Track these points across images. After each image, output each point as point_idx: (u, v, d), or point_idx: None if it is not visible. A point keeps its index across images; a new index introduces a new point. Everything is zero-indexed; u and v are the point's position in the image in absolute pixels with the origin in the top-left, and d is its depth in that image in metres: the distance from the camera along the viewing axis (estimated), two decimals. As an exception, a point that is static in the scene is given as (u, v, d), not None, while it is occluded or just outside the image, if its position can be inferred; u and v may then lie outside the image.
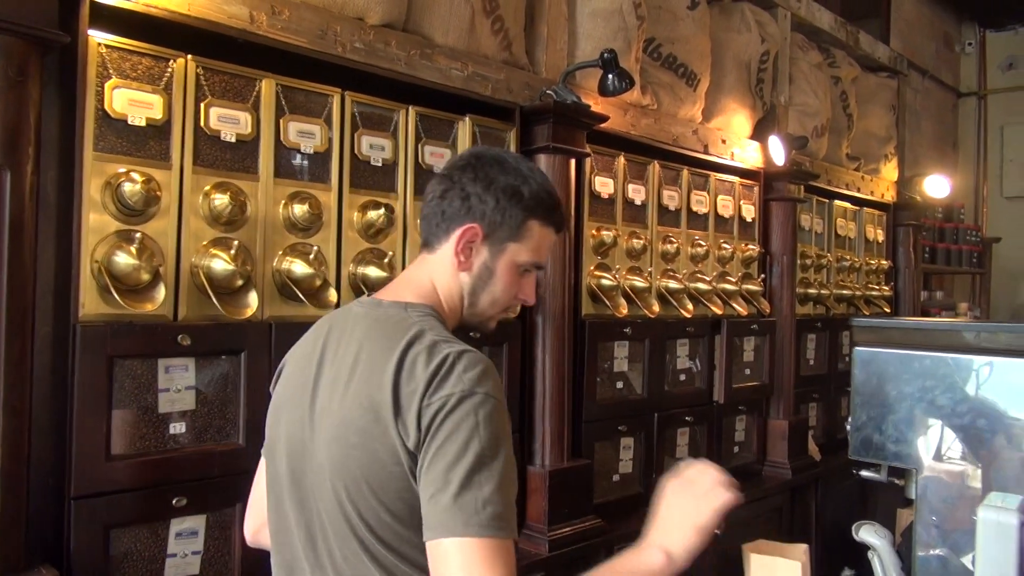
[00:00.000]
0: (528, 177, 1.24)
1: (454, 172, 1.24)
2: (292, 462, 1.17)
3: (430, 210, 1.25)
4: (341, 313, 1.25)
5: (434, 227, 1.24)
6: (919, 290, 4.53)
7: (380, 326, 1.15)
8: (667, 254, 2.80)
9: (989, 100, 5.99)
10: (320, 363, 1.18)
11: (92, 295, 1.51)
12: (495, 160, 1.24)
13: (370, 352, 1.11)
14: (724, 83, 3.12)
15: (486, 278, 1.24)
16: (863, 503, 3.67)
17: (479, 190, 1.21)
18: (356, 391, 1.10)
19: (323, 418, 1.13)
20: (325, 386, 1.15)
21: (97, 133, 1.52)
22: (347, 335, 1.18)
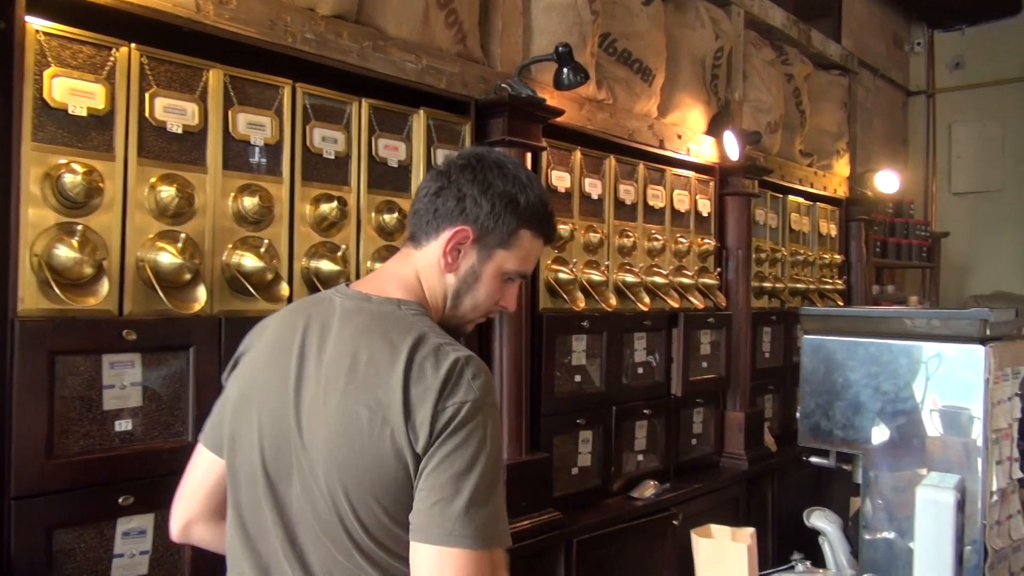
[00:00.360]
0: (527, 186, 1.22)
1: (452, 170, 1.22)
2: (272, 459, 1.13)
3: (422, 205, 1.22)
4: (320, 304, 1.21)
5: (424, 223, 1.22)
6: (871, 284, 4.64)
7: (378, 324, 1.13)
8: (624, 248, 2.83)
9: (938, 98, 6.15)
10: (302, 356, 1.14)
11: (31, 289, 1.47)
12: (496, 164, 1.22)
13: (371, 352, 1.09)
14: (679, 79, 3.15)
15: (471, 282, 1.22)
16: (818, 492, 3.73)
17: (476, 193, 1.19)
18: (359, 392, 1.07)
19: (316, 417, 1.10)
20: (313, 382, 1.12)
21: (36, 123, 1.48)
22: (336, 330, 1.15)
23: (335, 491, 1.07)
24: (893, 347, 1.62)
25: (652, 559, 2.76)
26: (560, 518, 2.38)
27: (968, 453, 1.58)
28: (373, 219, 2.02)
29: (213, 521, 1.27)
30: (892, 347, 1.63)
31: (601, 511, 2.63)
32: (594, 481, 2.71)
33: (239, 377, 1.22)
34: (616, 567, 2.61)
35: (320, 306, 1.20)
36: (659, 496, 2.81)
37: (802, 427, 1.73)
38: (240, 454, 1.17)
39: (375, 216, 2.03)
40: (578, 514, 2.52)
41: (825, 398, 1.70)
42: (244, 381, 1.20)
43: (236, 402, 1.19)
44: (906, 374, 1.63)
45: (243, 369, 1.22)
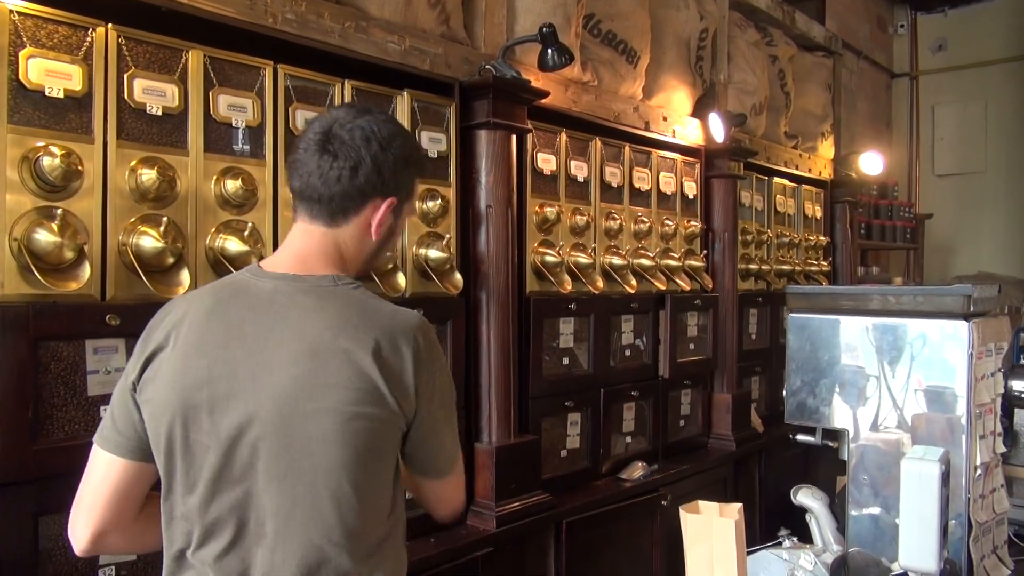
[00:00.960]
0: (410, 137, 1.34)
1: (357, 143, 1.23)
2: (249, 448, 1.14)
3: (342, 188, 1.23)
4: (236, 289, 1.22)
5: (348, 202, 1.24)
6: (856, 265, 4.66)
7: (330, 302, 1.19)
8: (610, 230, 2.82)
9: (921, 80, 6.18)
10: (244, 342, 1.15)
11: (12, 274, 1.45)
12: (388, 126, 1.27)
13: (336, 331, 1.16)
14: (664, 60, 3.15)
15: (389, 238, 1.33)
16: (805, 471, 3.77)
17: (391, 163, 1.25)
18: (341, 368, 1.13)
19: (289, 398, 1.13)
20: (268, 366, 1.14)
21: (12, 105, 1.45)
22: (279, 310, 1.17)
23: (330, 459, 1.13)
24: (878, 324, 1.63)
25: (641, 540, 2.78)
26: (549, 500, 2.39)
27: (952, 428, 1.60)
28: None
29: (128, 525, 1.25)
30: (877, 324, 1.64)
31: (590, 492, 2.64)
32: (583, 463, 2.72)
33: (164, 375, 1.17)
34: (605, 548, 2.62)
35: (243, 291, 1.21)
36: (647, 477, 2.83)
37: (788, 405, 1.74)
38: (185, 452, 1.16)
39: (360, 199, 2.01)
40: (567, 496, 2.53)
41: (811, 375, 1.71)
42: (174, 377, 1.16)
43: (169, 400, 1.16)
44: (891, 351, 1.64)
45: (167, 366, 1.17)
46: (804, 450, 3.97)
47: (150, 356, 1.20)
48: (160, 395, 1.17)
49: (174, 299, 1.30)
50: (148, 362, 1.20)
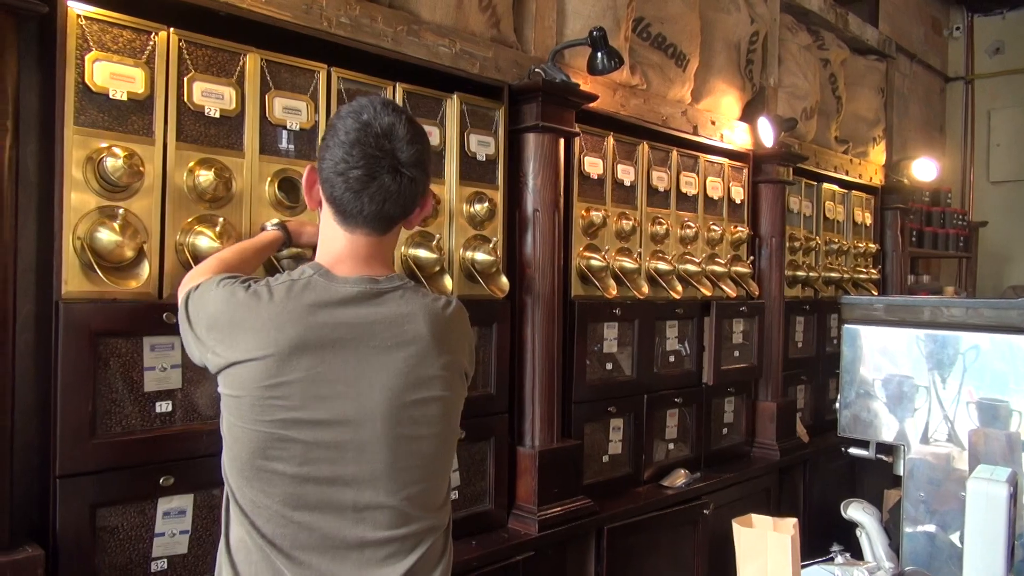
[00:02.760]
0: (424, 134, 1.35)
1: (420, 148, 1.29)
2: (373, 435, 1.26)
3: (405, 200, 1.29)
4: (322, 293, 1.27)
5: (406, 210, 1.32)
6: (906, 273, 4.55)
7: (400, 299, 1.31)
8: (656, 235, 2.80)
9: (976, 85, 6.00)
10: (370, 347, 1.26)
11: (75, 272, 1.49)
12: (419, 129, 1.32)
13: (419, 326, 1.30)
14: (713, 64, 3.11)
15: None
16: (851, 484, 3.70)
17: (429, 165, 1.34)
18: (443, 369, 1.31)
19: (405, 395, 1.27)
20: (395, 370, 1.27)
21: (78, 107, 1.49)
22: (385, 325, 1.28)
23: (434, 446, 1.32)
24: (937, 337, 1.59)
25: (682, 548, 2.75)
26: (591, 505, 2.38)
27: (1012, 446, 1.55)
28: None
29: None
30: (936, 337, 1.59)
31: (631, 499, 2.62)
32: (625, 469, 2.70)
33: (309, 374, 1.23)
34: (646, 555, 2.60)
35: (327, 295, 1.27)
36: (690, 485, 2.80)
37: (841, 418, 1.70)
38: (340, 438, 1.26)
39: (409, 201, 2.02)
40: (608, 502, 2.51)
41: (865, 388, 1.67)
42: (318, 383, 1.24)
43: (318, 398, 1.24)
44: (950, 364, 1.60)
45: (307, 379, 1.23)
46: (850, 462, 3.90)
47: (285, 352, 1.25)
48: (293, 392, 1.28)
49: (254, 291, 1.27)
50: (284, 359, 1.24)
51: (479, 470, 2.20)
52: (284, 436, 1.21)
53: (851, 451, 1.76)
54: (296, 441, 1.21)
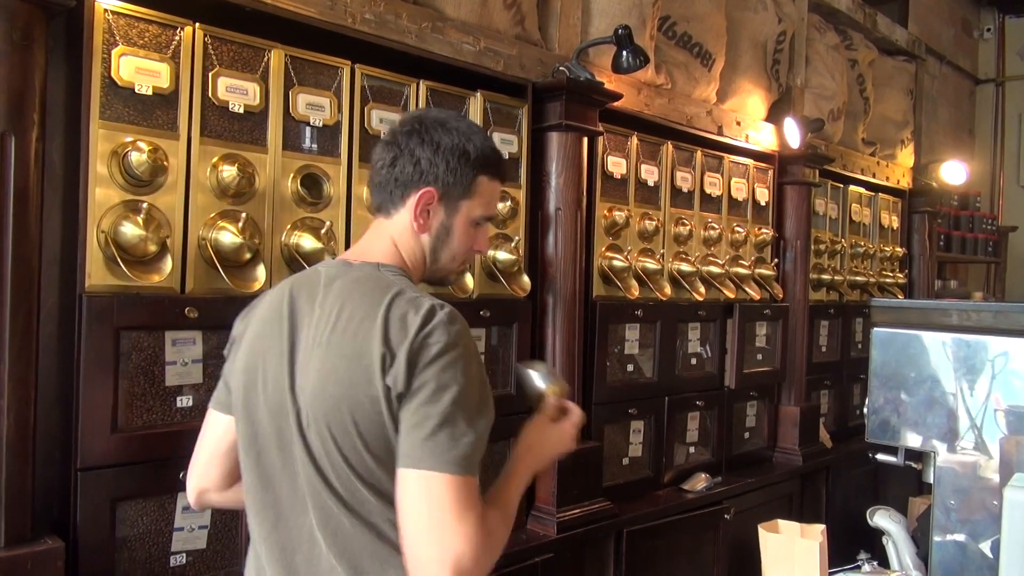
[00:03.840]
0: (471, 135, 1.28)
1: (399, 138, 1.27)
2: (276, 421, 1.19)
3: (382, 178, 1.28)
4: (303, 276, 1.29)
5: (388, 194, 1.28)
6: (933, 278, 4.48)
7: (360, 284, 1.20)
8: (680, 236, 2.77)
9: (1007, 87, 5.89)
10: (293, 323, 1.21)
11: (98, 265, 1.49)
12: (438, 122, 1.28)
13: (353, 308, 1.16)
14: (739, 63, 3.07)
15: (444, 237, 1.29)
16: (874, 491, 3.64)
17: (428, 154, 1.25)
18: (340, 344, 1.14)
19: (306, 373, 1.16)
20: (305, 344, 1.18)
21: (103, 101, 1.50)
22: (322, 295, 1.21)
23: (325, 439, 1.13)
24: (971, 341, 1.55)
25: (702, 552, 2.72)
26: (610, 508, 2.36)
27: (1046, 454, 1.50)
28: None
29: (225, 486, 1.32)
30: (970, 342, 1.55)
31: (651, 502, 2.60)
32: (645, 472, 2.67)
33: (242, 352, 1.26)
34: (666, 559, 2.57)
35: (304, 278, 1.27)
36: (710, 489, 2.76)
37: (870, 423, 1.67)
38: (252, 422, 1.22)
39: (431, 199, 2.01)
40: (628, 505, 2.49)
41: (895, 393, 1.63)
42: (247, 354, 1.25)
43: (241, 373, 1.24)
44: (982, 369, 1.56)
45: (244, 343, 1.26)
46: (873, 469, 3.84)
47: (238, 336, 1.29)
48: (236, 365, 1.26)
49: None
50: (236, 340, 1.29)
51: (497, 471, 2.18)
52: None
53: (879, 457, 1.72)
54: None
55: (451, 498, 1.06)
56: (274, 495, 1.21)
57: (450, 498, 1.06)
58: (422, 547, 1.06)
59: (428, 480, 1.06)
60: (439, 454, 1.06)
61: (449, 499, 1.06)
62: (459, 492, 1.06)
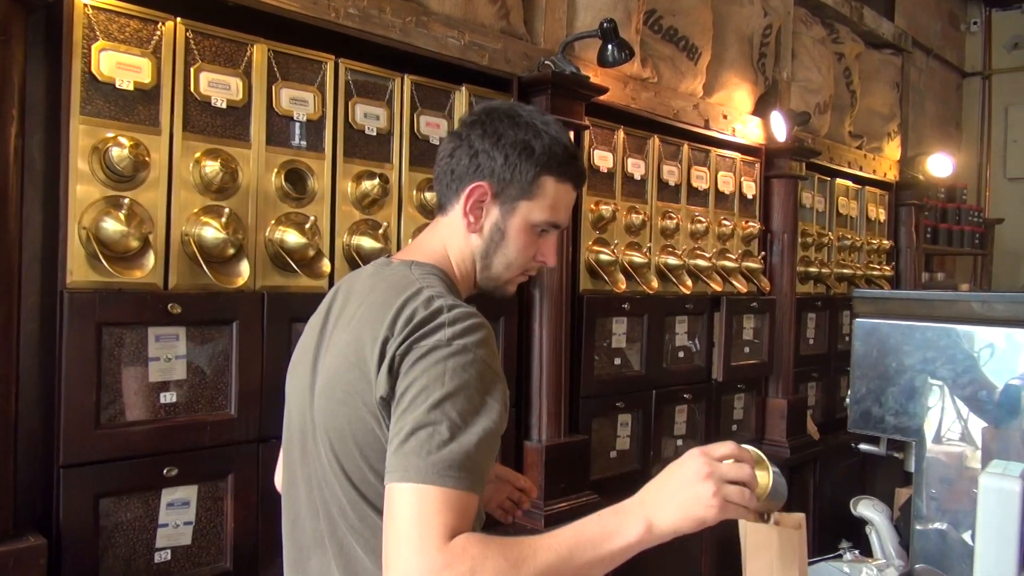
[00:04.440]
0: (541, 130, 1.16)
1: (463, 129, 1.20)
2: (300, 419, 1.18)
3: (440, 170, 1.21)
4: (354, 273, 1.27)
5: (444, 187, 1.20)
6: (920, 270, 4.50)
7: (382, 283, 1.13)
8: (666, 230, 2.77)
9: (994, 80, 5.92)
10: (325, 323, 1.19)
11: (80, 262, 1.48)
12: (506, 114, 1.18)
13: (366, 308, 1.10)
14: (726, 57, 3.08)
15: (498, 239, 1.18)
16: (861, 482, 3.66)
17: (487, 146, 1.15)
18: (345, 346, 1.08)
19: (320, 374, 1.14)
20: (327, 343, 1.16)
21: (84, 96, 1.49)
22: (354, 293, 1.18)
23: (328, 447, 1.08)
24: (951, 331, 1.56)
25: (690, 545, 2.73)
26: (598, 500, 2.36)
27: (1027, 444, 1.52)
28: (415, 197, 2.01)
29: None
30: (950, 331, 1.56)
31: (640, 495, 2.60)
32: (633, 465, 2.68)
33: (298, 346, 1.28)
34: (653, 552, 2.57)
35: (353, 276, 1.25)
36: (699, 482, 2.77)
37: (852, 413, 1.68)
38: (289, 420, 1.23)
39: (417, 194, 2.01)
40: (616, 497, 2.46)
41: (877, 383, 1.64)
42: (295, 352, 1.26)
43: (290, 367, 1.25)
44: (964, 359, 1.57)
45: (300, 340, 1.27)
46: (861, 460, 3.86)
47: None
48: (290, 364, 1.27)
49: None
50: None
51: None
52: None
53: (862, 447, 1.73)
54: None
55: (412, 513, 0.89)
56: (295, 494, 1.19)
57: (411, 513, 0.89)
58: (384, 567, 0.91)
59: (392, 493, 0.92)
60: (408, 463, 0.91)
61: (410, 514, 0.89)
62: (425, 506, 0.89)
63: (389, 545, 0.90)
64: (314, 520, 1.14)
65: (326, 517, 1.11)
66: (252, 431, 1.68)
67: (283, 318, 1.73)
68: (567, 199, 1.20)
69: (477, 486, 0.94)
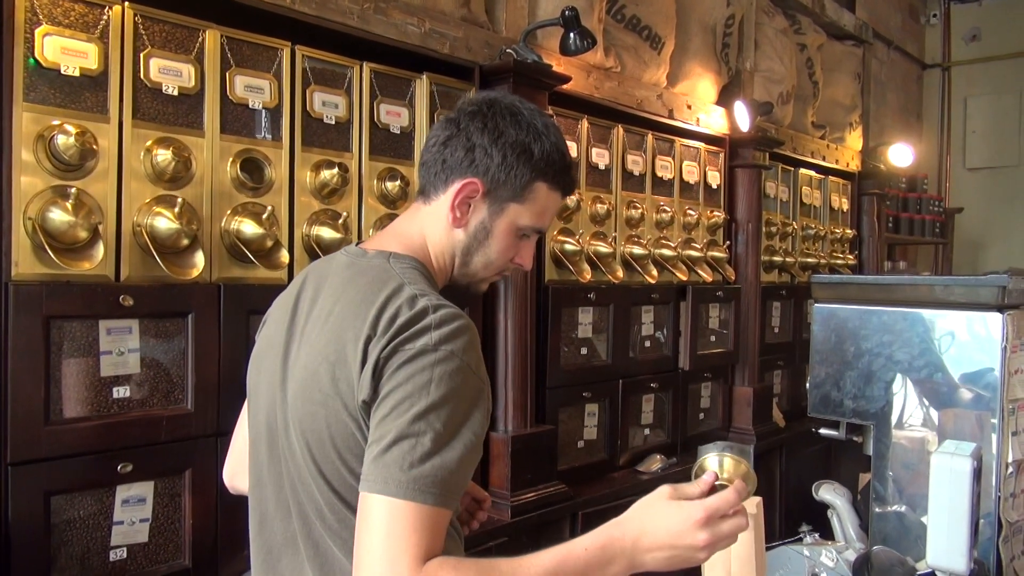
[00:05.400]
0: (542, 134, 1.14)
1: (462, 118, 1.15)
2: (268, 415, 1.13)
3: (431, 156, 1.16)
4: (323, 262, 1.20)
5: (432, 176, 1.16)
6: (883, 259, 4.57)
7: (361, 277, 1.08)
8: (632, 219, 2.78)
9: (953, 72, 6.03)
10: (295, 313, 1.13)
11: (26, 253, 1.44)
12: (509, 111, 1.14)
13: (344, 305, 1.05)
14: (689, 47, 3.08)
15: (482, 238, 1.15)
16: (826, 469, 3.71)
17: (486, 142, 1.11)
18: (324, 344, 1.04)
19: (293, 373, 1.09)
20: (298, 341, 1.11)
21: (27, 83, 1.44)
22: (327, 285, 1.12)
23: (304, 446, 1.04)
24: (908, 315, 1.58)
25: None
26: (565, 491, 2.36)
27: (982, 425, 1.54)
28: (375, 187, 1.98)
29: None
30: (907, 315, 1.58)
31: (607, 484, 2.61)
32: (600, 455, 2.69)
33: (258, 338, 1.23)
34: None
35: (322, 265, 1.19)
36: (665, 470, 2.79)
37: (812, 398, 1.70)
38: (254, 413, 1.18)
39: (377, 183, 1.98)
40: (584, 487, 2.50)
41: (836, 368, 1.66)
42: (258, 342, 1.22)
43: (251, 362, 1.21)
44: (920, 343, 1.59)
45: (262, 330, 1.23)
46: (826, 446, 3.91)
47: (265, 318, 1.25)
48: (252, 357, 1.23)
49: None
50: (263, 323, 1.24)
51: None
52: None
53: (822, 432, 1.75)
54: None
55: (386, 529, 0.88)
56: (262, 494, 1.14)
57: (385, 529, 0.88)
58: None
59: (368, 503, 0.91)
60: (388, 475, 0.90)
61: (385, 530, 0.88)
62: (400, 523, 0.88)
63: (361, 558, 0.89)
64: (285, 520, 1.10)
65: (300, 517, 1.07)
66: (210, 425, 1.65)
67: (241, 310, 1.69)
68: (555, 207, 1.20)
69: (453, 502, 0.94)
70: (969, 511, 1.04)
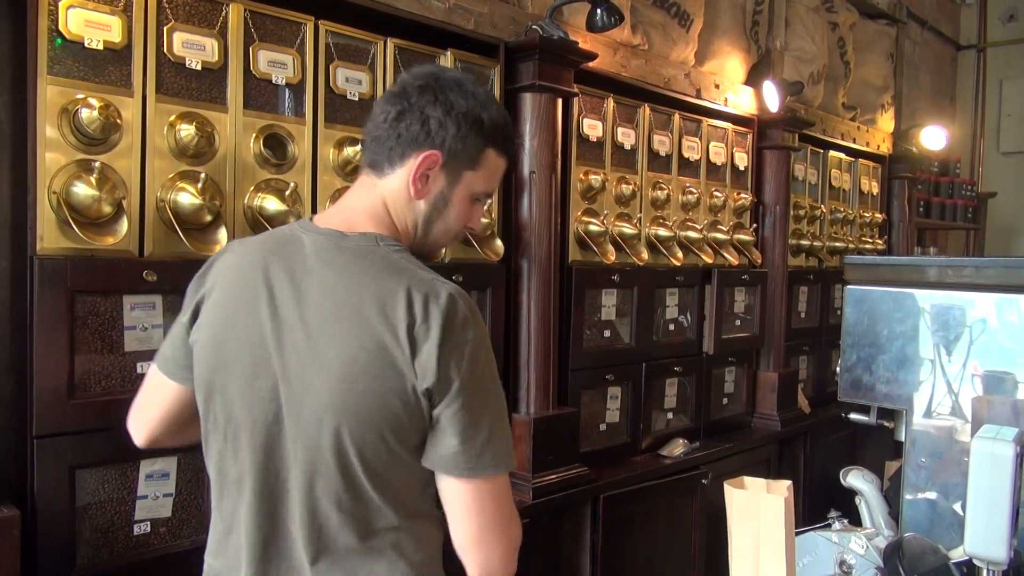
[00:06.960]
0: (487, 103, 1.19)
1: (411, 92, 1.16)
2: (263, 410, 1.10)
3: (383, 132, 1.17)
4: (277, 242, 1.16)
5: (387, 150, 1.17)
6: (913, 244, 4.48)
7: (361, 261, 1.10)
8: (657, 201, 2.74)
9: (988, 53, 5.87)
10: (274, 300, 1.10)
11: (51, 228, 1.44)
12: (455, 83, 1.18)
13: (367, 294, 1.07)
14: (718, 24, 3.02)
15: (441, 207, 1.20)
16: (851, 456, 3.66)
17: (440, 114, 1.15)
18: (352, 334, 1.05)
19: (309, 364, 1.07)
20: (297, 328, 1.08)
21: (52, 56, 1.44)
22: (316, 271, 1.10)
23: (330, 436, 1.06)
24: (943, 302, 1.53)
25: (680, 517, 2.72)
26: (587, 473, 2.35)
27: (1017, 412, 1.50)
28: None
29: (178, 433, 1.26)
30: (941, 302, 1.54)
31: (629, 468, 2.59)
32: (622, 438, 2.66)
33: (207, 322, 1.15)
34: (643, 524, 2.57)
35: (285, 245, 1.15)
36: (688, 455, 2.76)
37: (842, 382, 1.66)
38: (219, 404, 1.13)
39: (400, 161, 1.96)
40: (605, 470, 2.48)
41: (868, 351, 1.62)
42: (215, 326, 1.14)
43: (209, 347, 1.14)
44: (955, 326, 1.55)
45: (210, 313, 1.15)
46: (851, 433, 3.86)
47: (200, 300, 1.17)
48: (204, 340, 1.15)
49: (230, 243, 1.27)
50: (199, 306, 1.17)
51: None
52: None
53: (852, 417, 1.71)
54: None
55: (499, 503, 1.10)
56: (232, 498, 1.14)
57: (498, 504, 1.10)
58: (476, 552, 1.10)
59: (470, 487, 1.08)
60: (485, 458, 1.07)
61: (497, 505, 1.10)
62: (504, 493, 1.11)
63: (486, 529, 1.09)
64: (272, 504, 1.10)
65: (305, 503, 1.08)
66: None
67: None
68: (501, 171, 1.26)
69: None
70: (1011, 498, 1.00)
